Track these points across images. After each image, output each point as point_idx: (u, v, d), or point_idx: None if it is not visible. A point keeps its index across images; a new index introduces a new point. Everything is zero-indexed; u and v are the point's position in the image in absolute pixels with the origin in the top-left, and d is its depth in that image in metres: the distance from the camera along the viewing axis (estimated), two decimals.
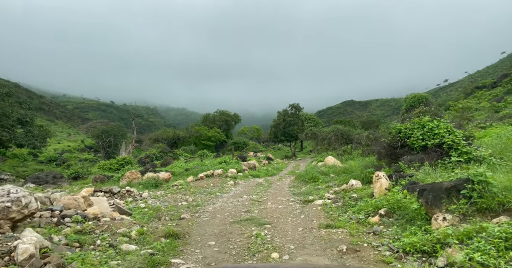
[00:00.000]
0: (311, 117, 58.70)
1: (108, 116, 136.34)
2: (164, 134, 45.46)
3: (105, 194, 8.59)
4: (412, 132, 8.57)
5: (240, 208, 7.79)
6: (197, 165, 18.20)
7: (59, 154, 44.47)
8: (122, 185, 11.18)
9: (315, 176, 11.23)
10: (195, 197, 9.50)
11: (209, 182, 12.34)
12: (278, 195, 9.43)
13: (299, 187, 10.66)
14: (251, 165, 19.89)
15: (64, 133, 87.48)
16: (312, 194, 8.74)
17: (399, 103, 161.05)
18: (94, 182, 13.46)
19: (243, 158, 22.33)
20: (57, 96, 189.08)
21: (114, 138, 41.24)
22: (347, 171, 11.22)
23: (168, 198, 9.23)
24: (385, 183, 6.46)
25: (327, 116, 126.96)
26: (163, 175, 11.84)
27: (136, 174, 11.47)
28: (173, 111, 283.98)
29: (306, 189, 9.66)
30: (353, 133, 18.57)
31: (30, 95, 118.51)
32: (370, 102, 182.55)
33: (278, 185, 12.28)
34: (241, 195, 9.90)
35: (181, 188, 10.82)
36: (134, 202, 8.61)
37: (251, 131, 59.33)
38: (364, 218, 5.66)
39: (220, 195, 9.90)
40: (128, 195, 8.99)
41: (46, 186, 13.02)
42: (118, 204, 8.04)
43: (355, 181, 8.21)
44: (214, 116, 52.27)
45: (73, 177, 16.24)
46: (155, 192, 10.19)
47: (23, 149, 35.39)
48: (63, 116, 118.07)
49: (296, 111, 45.71)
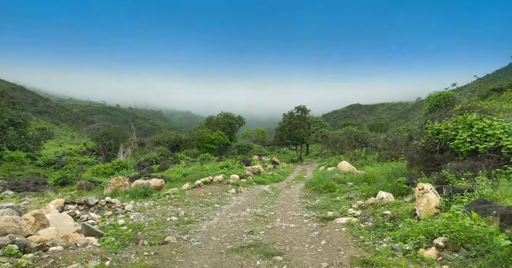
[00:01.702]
0: (317, 120, 57.02)
1: (114, 119, 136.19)
2: (166, 137, 44.11)
3: (79, 206, 7.09)
4: (455, 133, 6.94)
5: (241, 226, 6.21)
6: (197, 169, 16.69)
7: (58, 157, 43.34)
8: (106, 194, 9.70)
9: (331, 184, 9.61)
10: (189, 209, 7.95)
11: (207, 190, 10.78)
12: (288, 209, 7.83)
13: (312, 197, 9.04)
14: (255, 170, 18.31)
15: (68, 136, 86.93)
16: (330, 208, 7.12)
17: (406, 107, 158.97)
18: (79, 189, 12.01)
19: (246, 163, 20.76)
20: (63, 100, 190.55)
21: (115, 140, 40.07)
22: (368, 179, 9.58)
23: (156, 211, 7.69)
24: (434, 199, 4.84)
25: (333, 120, 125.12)
26: (154, 182, 10.32)
27: (123, 181, 9.98)
28: (178, 114, 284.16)
29: (322, 202, 8.05)
30: (368, 136, 16.92)
31: (36, 98, 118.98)
32: (376, 106, 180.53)
33: (286, 194, 10.68)
34: (244, 207, 8.33)
35: (174, 198, 9.28)
36: (114, 216, 7.08)
37: (255, 134, 57.78)
38: (413, 250, 4.04)
39: (218, 207, 8.33)
40: (107, 207, 7.48)
41: (26, 193, 11.59)
42: (89, 220, 6.52)
43: (385, 193, 6.59)
44: (217, 119, 50.88)
45: (60, 183, 14.82)
46: (142, 203, 8.66)
47: (20, 152, 34.34)
48: (68, 119, 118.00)
49: (302, 114, 44.09)
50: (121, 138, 40.68)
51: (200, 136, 42.45)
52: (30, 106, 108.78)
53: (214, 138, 42.88)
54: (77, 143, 68.25)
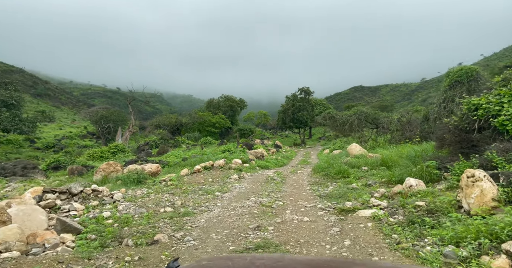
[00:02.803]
0: (321, 102, 55.66)
1: (114, 102, 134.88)
2: (166, 120, 43.14)
3: (60, 196, 6.19)
4: (499, 108, 5.84)
5: (246, 220, 5.30)
6: (197, 154, 15.79)
7: (58, 140, 42.63)
8: (96, 180, 8.82)
9: (344, 169, 8.64)
10: (186, 198, 7.06)
11: (207, 176, 9.88)
12: (298, 198, 6.91)
13: (323, 184, 8.11)
14: (258, 154, 17.39)
15: (69, 119, 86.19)
16: (348, 197, 6.18)
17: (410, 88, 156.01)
18: (70, 174, 11.16)
19: (249, 146, 19.84)
20: (64, 83, 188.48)
21: (114, 124, 39.13)
22: (386, 163, 8.59)
23: (149, 201, 6.80)
24: (490, 189, 3.85)
25: (335, 102, 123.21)
26: (149, 167, 9.40)
27: (114, 166, 9.07)
28: (179, 98, 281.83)
29: (336, 189, 7.11)
30: (379, 116, 15.78)
31: (35, 81, 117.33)
32: (380, 87, 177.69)
33: (294, 180, 9.76)
34: (248, 195, 7.42)
35: (170, 185, 8.39)
36: (100, 207, 6.19)
37: (257, 117, 56.59)
38: (474, 257, 3.10)
39: (219, 195, 7.43)
40: (94, 196, 6.58)
41: (12, 178, 10.77)
42: (72, 212, 5.63)
43: (414, 180, 5.61)
44: (218, 102, 49.56)
45: (53, 167, 14.00)
46: (135, 191, 7.77)
47: (18, 135, 33.58)
48: (69, 102, 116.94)
49: (306, 96, 42.71)
50: (120, 121, 39.71)
51: (201, 119, 41.39)
52: (29, 88, 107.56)
53: (215, 122, 41.84)
54: (78, 127, 67.57)
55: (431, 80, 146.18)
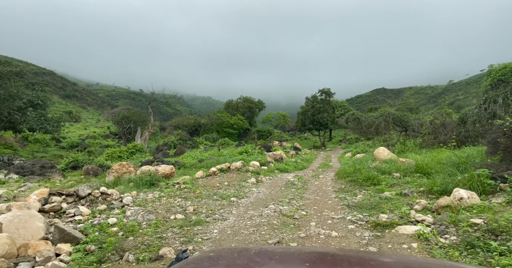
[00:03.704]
0: (342, 104, 53.97)
1: (137, 103, 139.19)
2: (185, 121, 43.40)
3: (67, 198, 5.82)
4: None
5: (264, 232, 4.64)
6: (214, 155, 15.33)
7: (82, 140, 43.99)
8: (108, 182, 8.48)
9: (374, 175, 7.76)
10: (199, 204, 6.50)
11: (223, 179, 9.31)
12: (323, 207, 6.16)
13: (351, 192, 7.29)
14: (277, 156, 16.70)
15: (94, 119, 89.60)
16: (382, 209, 5.37)
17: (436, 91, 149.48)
18: (85, 174, 10.99)
19: (267, 148, 19.19)
20: (91, 84, 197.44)
21: (135, 124, 39.79)
22: (422, 170, 7.62)
23: (160, 205, 6.31)
24: None
25: (356, 105, 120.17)
26: (163, 169, 8.97)
27: (127, 167, 8.71)
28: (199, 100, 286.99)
29: (366, 198, 6.29)
30: (408, 118, 14.60)
31: (65, 83, 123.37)
32: (403, 90, 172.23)
33: (316, 186, 8.98)
34: (266, 202, 6.76)
35: (184, 188, 7.89)
36: (107, 212, 5.76)
37: (276, 118, 55.80)
38: None
39: (235, 201, 6.82)
40: (102, 200, 6.17)
41: (30, 177, 10.74)
42: (77, 217, 5.21)
43: (465, 191, 4.72)
44: (237, 103, 49.30)
45: (71, 167, 14.01)
46: (146, 194, 7.32)
47: (45, 135, 34.82)
48: (95, 103, 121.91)
49: (326, 97, 41.53)
50: (140, 121, 40.34)
51: (219, 120, 41.26)
52: (59, 90, 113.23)
53: (234, 123, 41.54)
54: (102, 127, 69.83)
55: (459, 83, 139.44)
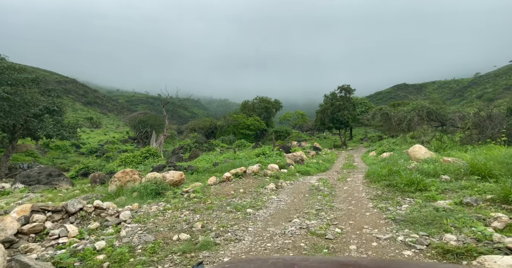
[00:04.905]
0: (362, 101, 51.68)
1: (156, 108, 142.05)
2: (201, 123, 42.97)
3: (54, 215, 4.95)
4: None
5: None
6: (229, 158, 14.34)
7: (101, 145, 44.55)
8: (110, 191, 7.64)
9: (418, 179, 6.41)
10: (209, 218, 5.46)
11: (238, 185, 8.25)
12: (361, 220, 4.93)
13: (391, 200, 5.99)
14: (297, 157, 15.47)
15: (114, 125, 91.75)
16: (443, 225, 4.08)
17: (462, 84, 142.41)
18: (92, 182, 10.29)
19: (286, 149, 17.99)
20: (111, 91, 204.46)
21: (151, 128, 39.77)
22: (480, 171, 6.19)
23: (163, 221, 5.32)
24: None
25: (376, 102, 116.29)
26: (171, 175, 8.03)
27: (131, 174, 7.85)
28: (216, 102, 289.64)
29: (416, 209, 4.99)
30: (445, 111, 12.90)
31: (86, 90, 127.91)
32: (426, 84, 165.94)
33: (345, 191, 7.72)
34: (289, 214, 5.62)
35: (193, 197, 6.89)
36: (99, 231, 4.83)
37: (294, 118, 54.28)
38: None
39: (251, 214, 5.72)
40: (95, 215, 5.27)
41: (36, 187, 10.17)
42: (61, 239, 4.30)
43: None
44: (253, 103, 48.32)
45: (82, 174, 13.48)
46: (150, 205, 6.38)
47: (65, 141, 35.35)
48: (115, 109, 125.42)
49: (346, 94, 39.67)
50: (157, 125, 40.29)
51: (235, 122, 40.45)
52: (81, 97, 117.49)
53: (250, 124, 40.57)
54: (121, 132, 71.10)
55: (487, 75, 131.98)
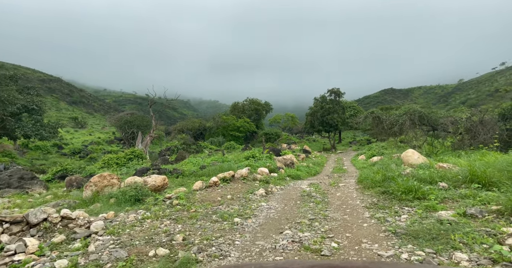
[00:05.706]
0: (351, 105, 52.04)
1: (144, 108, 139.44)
2: (190, 124, 42.13)
3: (12, 227, 4.32)
4: None
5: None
6: (217, 160, 13.79)
7: (85, 146, 42.99)
8: (85, 197, 6.99)
9: (416, 187, 6.07)
10: (192, 228, 4.93)
11: (226, 191, 7.74)
12: (359, 233, 4.51)
13: (389, 209, 5.62)
14: (287, 161, 15.07)
15: (100, 125, 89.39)
16: (450, 241, 3.70)
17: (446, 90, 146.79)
18: (68, 186, 9.55)
19: (276, 152, 17.58)
20: (98, 91, 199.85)
21: (138, 129, 38.66)
22: (480, 179, 5.90)
23: (140, 232, 4.76)
24: None
25: (364, 106, 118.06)
26: (153, 180, 7.44)
27: (109, 178, 7.22)
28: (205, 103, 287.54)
29: (417, 220, 4.62)
30: (437, 116, 12.81)
31: (71, 89, 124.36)
32: (412, 89, 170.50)
33: (339, 198, 7.33)
34: (280, 224, 5.16)
35: (176, 204, 6.33)
36: (64, 246, 4.23)
37: (284, 120, 54.10)
38: None
39: (239, 223, 5.23)
40: (62, 227, 4.66)
41: (6, 191, 9.35)
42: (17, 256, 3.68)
43: None
44: (243, 105, 47.86)
45: (60, 176, 12.64)
46: (128, 213, 5.79)
47: (46, 141, 33.85)
48: (101, 109, 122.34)
49: (336, 97, 39.75)
50: (143, 126, 39.21)
51: (225, 123, 39.84)
52: (66, 96, 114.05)
53: (240, 125, 40.04)
54: (107, 132, 69.19)
55: (470, 81, 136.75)
